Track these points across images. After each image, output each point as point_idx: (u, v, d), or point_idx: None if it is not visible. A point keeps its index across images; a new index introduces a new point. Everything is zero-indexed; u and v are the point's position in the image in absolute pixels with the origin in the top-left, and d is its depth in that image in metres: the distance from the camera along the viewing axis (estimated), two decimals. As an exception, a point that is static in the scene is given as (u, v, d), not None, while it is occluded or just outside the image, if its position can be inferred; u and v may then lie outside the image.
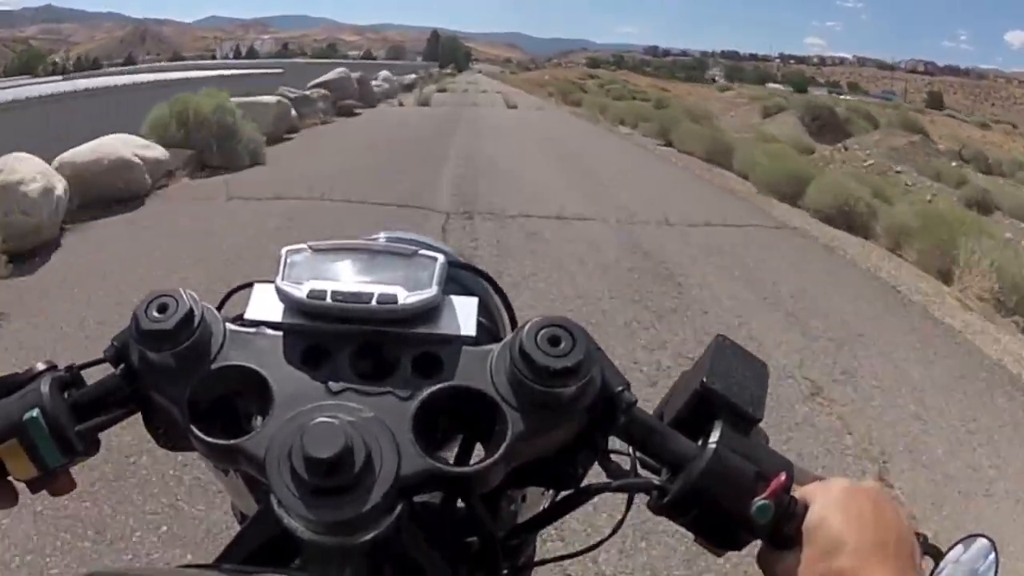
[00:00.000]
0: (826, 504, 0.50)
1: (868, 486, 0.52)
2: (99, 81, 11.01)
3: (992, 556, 0.56)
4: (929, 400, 3.44)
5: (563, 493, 0.61)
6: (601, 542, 0.66)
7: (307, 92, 13.43)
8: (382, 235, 0.69)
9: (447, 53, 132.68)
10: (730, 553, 0.55)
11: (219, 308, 0.59)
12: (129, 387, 0.55)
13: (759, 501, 0.50)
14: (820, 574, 0.48)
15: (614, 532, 0.64)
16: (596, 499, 0.59)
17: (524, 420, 0.51)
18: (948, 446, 3.02)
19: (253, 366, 0.53)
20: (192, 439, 0.51)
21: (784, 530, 0.51)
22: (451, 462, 0.55)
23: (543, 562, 0.72)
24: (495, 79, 73.04)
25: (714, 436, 0.53)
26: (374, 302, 0.53)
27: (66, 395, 0.55)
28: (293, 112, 11.29)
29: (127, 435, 2.28)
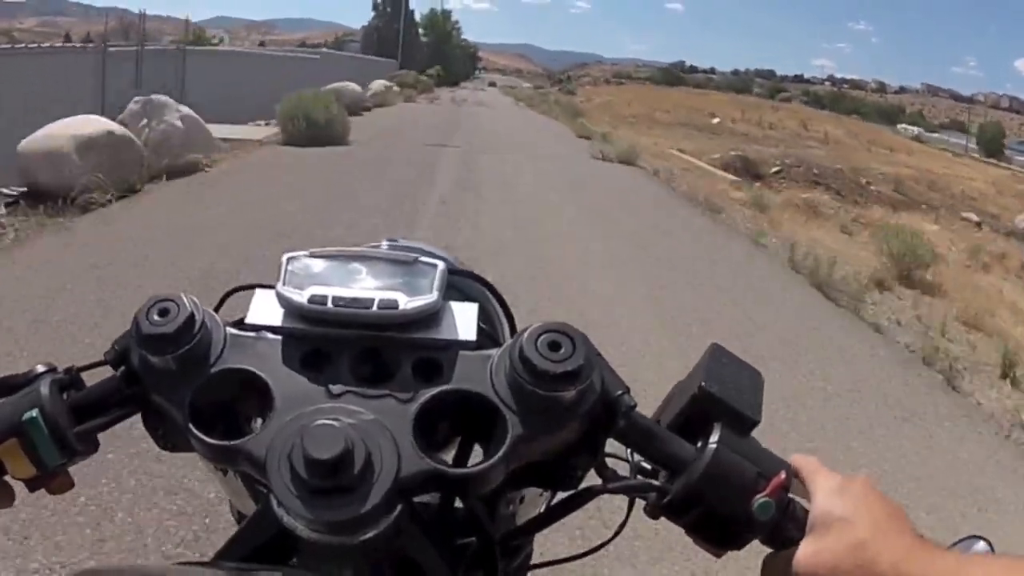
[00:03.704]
0: (828, 493, 0.51)
1: (860, 476, 0.53)
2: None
3: None
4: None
5: (562, 495, 0.61)
6: (601, 545, 0.67)
7: None
8: (384, 242, 0.70)
9: (419, 47, 60.87)
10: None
11: (217, 309, 0.59)
12: (129, 389, 0.55)
13: (760, 499, 0.51)
14: (837, 554, 0.48)
15: (615, 535, 0.64)
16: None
17: (524, 423, 0.51)
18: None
19: (253, 369, 0.53)
20: (192, 440, 0.51)
21: (785, 529, 0.52)
22: (450, 464, 0.55)
23: (541, 565, 0.72)
24: (531, 109, 31.16)
25: (714, 437, 0.53)
26: (375, 307, 0.54)
27: (65, 396, 0.56)
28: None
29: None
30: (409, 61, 50.06)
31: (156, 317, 0.53)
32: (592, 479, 0.58)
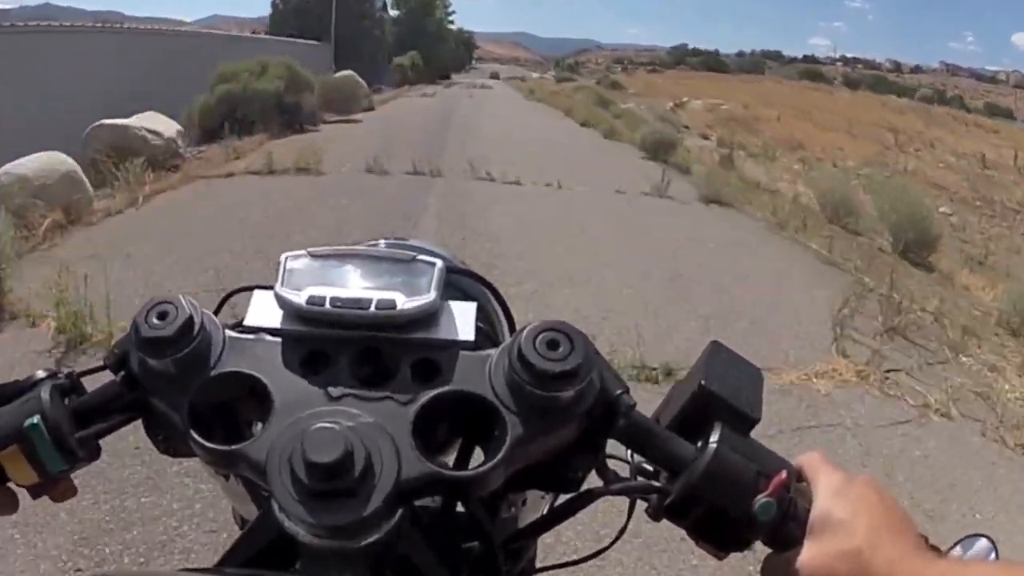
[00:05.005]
0: (829, 495, 0.51)
1: (863, 476, 0.53)
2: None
3: (993, 555, 0.57)
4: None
5: (563, 497, 0.61)
6: (604, 549, 0.67)
7: None
8: (381, 241, 0.70)
9: (379, 25, 35.58)
10: None
11: (216, 312, 0.59)
12: (129, 394, 0.55)
13: (762, 499, 0.51)
14: (834, 559, 0.48)
15: (617, 539, 0.64)
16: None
17: (523, 424, 0.51)
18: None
19: (253, 372, 0.53)
20: (192, 445, 0.51)
21: (786, 529, 0.52)
22: (451, 466, 0.55)
23: (545, 568, 0.72)
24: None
25: (714, 436, 0.53)
26: (373, 308, 0.54)
27: (66, 402, 0.56)
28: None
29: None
30: (358, 46, 29.35)
31: (155, 320, 0.53)
32: (593, 481, 0.57)
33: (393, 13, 47.07)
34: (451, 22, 57.14)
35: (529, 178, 7.89)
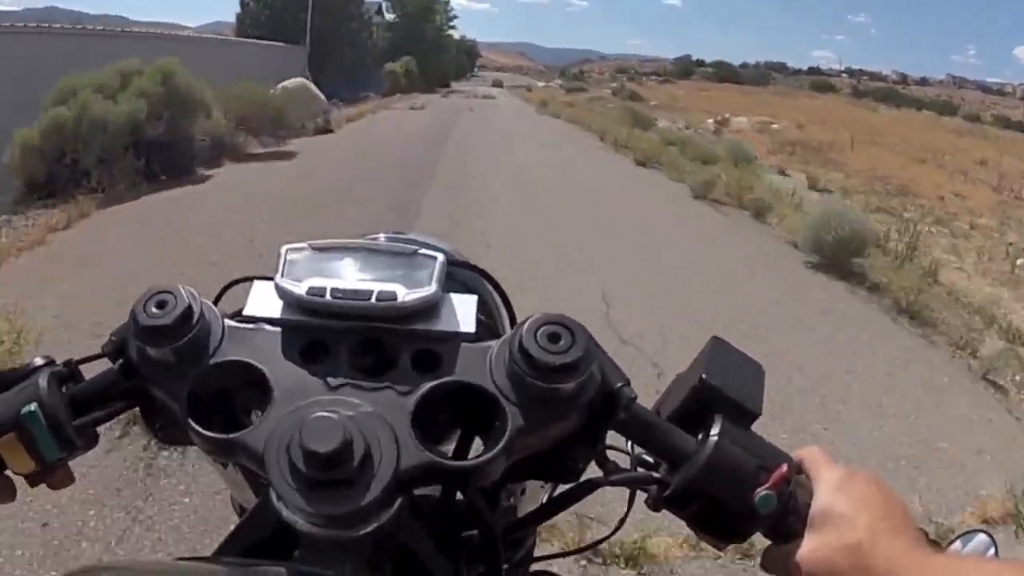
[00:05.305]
0: (830, 489, 0.51)
1: (864, 472, 0.53)
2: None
3: (992, 550, 0.57)
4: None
5: (562, 487, 0.61)
6: (603, 539, 0.67)
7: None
8: (381, 235, 0.70)
9: (366, 26, 32.49)
10: None
11: (216, 302, 0.59)
12: (127, 382, 0.55)
13: (762, 491, 0.51)
14: (835, 552, 0.48)
15: (616, 530, 0.64)
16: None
17: (524, 415, 0.51)
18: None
19: (252, 361, 0.53)
20: (191, 433, 0.51)
21: (786, 522, 0.52)
22: (450, 456, 0.55)
23: (543, 558, 0.72)
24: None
25: (715, 429, 0.53)
26: (373, 299, 0.54)
27: (64, 389, 0.55)
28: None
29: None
30: (341, 50, 26.61)
31: (154, 309, 0.53)
32: (593, 471, 0.57)
33: (389, 17, 44.13)
34: (453, 27, 53.86)
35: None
